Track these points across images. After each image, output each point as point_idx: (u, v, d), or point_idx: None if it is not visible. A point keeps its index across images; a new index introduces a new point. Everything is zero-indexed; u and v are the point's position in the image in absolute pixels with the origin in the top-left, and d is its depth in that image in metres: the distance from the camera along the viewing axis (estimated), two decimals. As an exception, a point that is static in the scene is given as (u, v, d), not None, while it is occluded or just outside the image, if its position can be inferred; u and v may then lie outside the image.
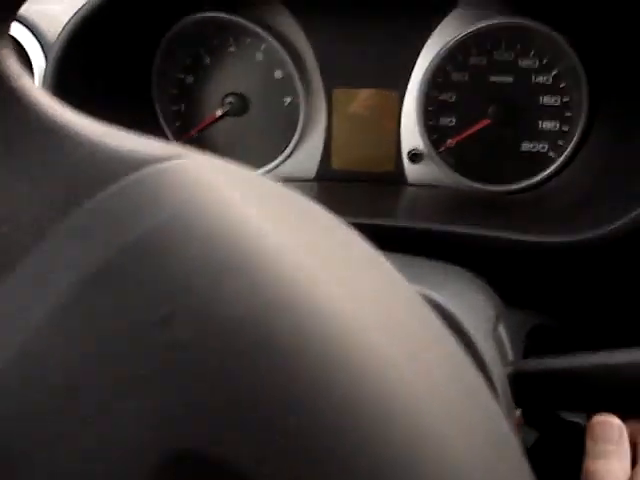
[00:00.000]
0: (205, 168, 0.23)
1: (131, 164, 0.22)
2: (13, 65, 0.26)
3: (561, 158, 0.90)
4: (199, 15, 0.91)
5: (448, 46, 0.88)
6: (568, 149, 0.89)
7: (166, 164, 0.22)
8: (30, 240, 0.21)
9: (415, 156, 0.93)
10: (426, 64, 0.91)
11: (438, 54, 0.90)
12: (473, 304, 0.59)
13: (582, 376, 0.55)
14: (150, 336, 0.18)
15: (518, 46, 0.89)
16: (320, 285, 0.20)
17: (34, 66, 0.83)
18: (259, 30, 0.91)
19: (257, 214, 0.22)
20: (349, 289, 0.22)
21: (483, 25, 0.87)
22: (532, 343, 0.75)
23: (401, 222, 0.77)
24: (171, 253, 0.19)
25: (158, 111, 0.97)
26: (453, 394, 0.22)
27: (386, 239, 0.77)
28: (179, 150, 0.24)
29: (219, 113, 0.96)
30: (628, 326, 0.80)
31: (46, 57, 0.82)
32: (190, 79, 0.97)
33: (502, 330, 0.61)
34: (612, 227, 0.71)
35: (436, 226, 0.76)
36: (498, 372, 0.54)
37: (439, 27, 0.90)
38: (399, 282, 0.25)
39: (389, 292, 0.24)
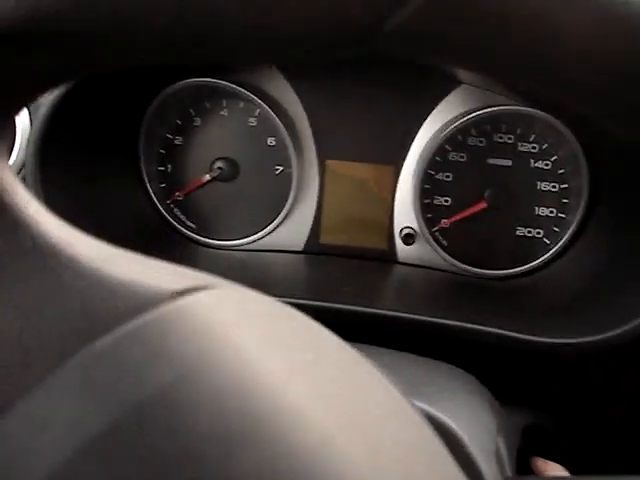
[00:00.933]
0: (220, 308, 0.21)
1: (140, 302, 0.20)
2: (7, 177, 0.23)
3: (557, 245, 0.88)
4: (193, 80, 0.88)
5: (449, 126, 0.86)
6: (565, 236, 0.87)
7: (180, 302, 0.20)
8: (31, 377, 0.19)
9: (408, 236, 0.91)
10: (425, 142, 0.89)
11: (438, 133, 0.87)
12: (476, 417, 0.56)
13: None
14: None
15: (518, 130, 0.87)
16: (343, 458, 0.18)
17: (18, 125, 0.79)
18: (253, 95, 0.89)
19: (279, 372, 0.20)
20: (372, 459, 0.20)
21: (485, 110, 0.85)
22: (526, 443, 0.72)
23: (389, 310, 0.74)
24: (181, 417, 0.17)
25: (143, 171, 0.93)
26: None
27: (373, 325, 0.75)
28: (195, 280, 0.21)
29: (207, 177, 0.93)
30: (624, 432, 0.78)
31: (30, 115, 0.78)
32: (179, 140, 0.94)
33: (501, 442, 0.58)
34: (608, 335, 0.68)
35: (427, 318, 0.73)
36: None
37: (440, 105, 0.88)
38: (407, 413, 0.24)
39: (401, 433, 0.23)
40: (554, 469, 0.63)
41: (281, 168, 0.92)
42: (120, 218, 0.89)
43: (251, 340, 0.20)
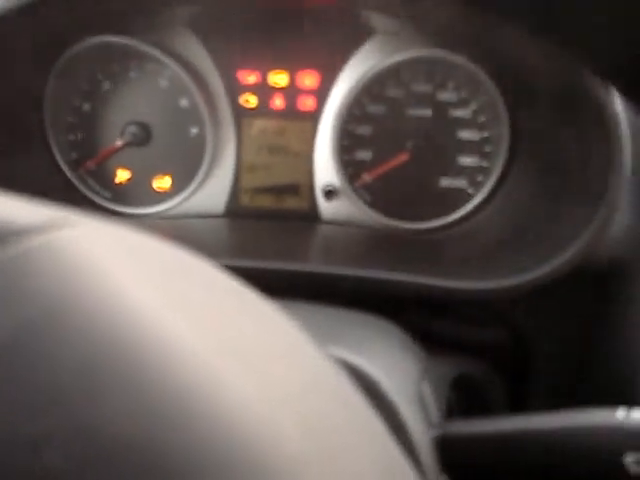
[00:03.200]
0: (85, 243, 0.20)
1: None
2: None
3: (480, 195, 0.87)
4: (96, 38, 0.84)
5: (365, 77, 0.85)
6: (487, 186, 0.87)
7: (39, 238, 0.19)
8: None
9: (330, 193, 0.89)
10: (341, 95, 0.87)
11: (354, 85, 0.85)
12: (396, 364, 0.54)
13: (509, 440, 0.51)
14: (17, 464, 0.15)
15: (437, 78, 0.86)
16: (223, 389, 0.18)
17: None
18: (162, 55, 0.85)
19: (147, 306, 0.19)
20: (258, 387, 0.19)
21: (401, 57, 0.83)
22: (456, 394, 0.72)
23: (314, 267, 0.72)
24: (40, 358, 0.16)
25: (51, 141, 0.89)
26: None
27: (299, 284, 0.73)
28: (56, 218, 0.20)
29: (119, 143, 0.89)
30: (554, 374, 0.78)
31: None
32: (87, 106, 0.90)
33: (426, 388, 0.57)
34: (531, 276, 0.68)
35: (352, 271, 0.72)
36: (422, 437, 0.50)
37: (355, 56, 0.86)
38: (313, 358, 0.23)
39: (301, 375, 0.22)
40: None
41: (196, 130, 0.89)
42: (29, 190, 0.84)
43: (118, 275, 0.19)
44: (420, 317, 0.77)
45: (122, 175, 0.91)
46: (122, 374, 0.16)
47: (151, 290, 0.20)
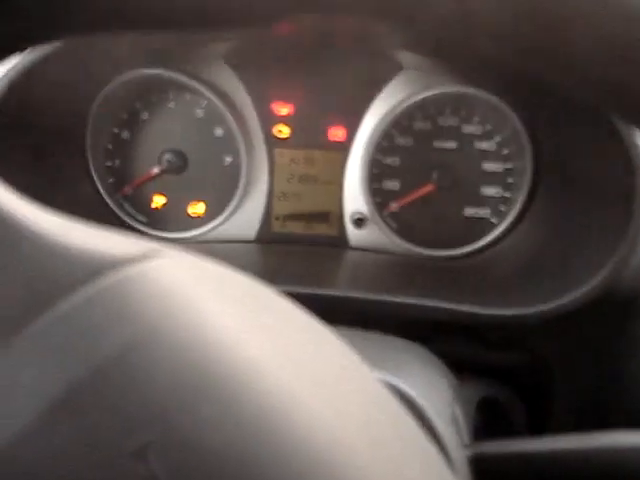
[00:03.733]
0: (175, 272, 0.21)
1: (95, 268, 0.20)
2: None
3: (503, 224, 0.90)
4: (136, 71, 0.88)
5: (394, 111, 0.88)
6: (510, 215, 0.89)
7: (133, 269, 0.20)
8: None
9: (359, 220, 0.91)
10: (371, 127, 0.90)
11: (384, 118, 0.89)
12: (432, 387, 0.56)
13: (539, 460, 0.53)
14: (123, 471, 0.16)
15: (462, 112, 0.89)
16: (303, 407, 0.19)
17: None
18: (199, 86, 0.88)
19: (234, 327, 0.20)
20: (333, 409, 0.20)
21: (429, 92, 0.86)
22: (481, 417, 0.73)
23: (342, 291, 0.74)
24: (142, 376, 0.17)
25: (91, 166, 0.92)
26: None
27: (330, 308, 0.75)
28: (148, 249, 0.21)
29: (156, 170, 0.92)
30: (574, 400, 0.79)
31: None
32: (126, 134, 0.93)
33: (458, 409, 0.59)
34: (552, 305, 0.70)
35: (380, 297, 0.74)
36: (458, 457, 0.52)
37: (385, 90, 0.89)
38: (373, 382, 0.25)
39: (366, 397, 0.23)
40: None
41: (230, 159, 0.92)
42: (69, 213, 0.87)
43: (207, 300, 0.21)
44: (444, 342, 0.78)
45: (158, 201, 0.94)
46: (214, 390, 0.18)
47: (234, 314, 0.21)
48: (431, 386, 0.57)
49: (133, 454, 0.16)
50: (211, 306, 0.21)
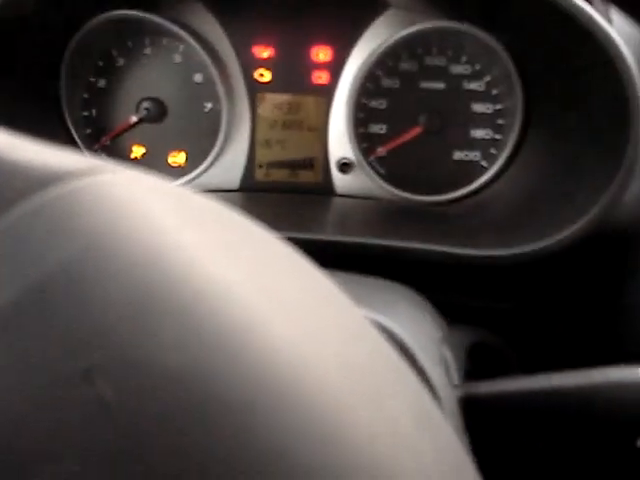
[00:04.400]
0: (128, 186, 0.20)
1: (41, 181, 0.19)
2: None
3: (494, 167, 0.87)
4: (111, 13, 0.84)
5: (379, 51, 0.85)
6: (501, 158, 0.87)
7: (82, 181, 0.19)
8: None
9: (345, 166, 0.89)
10: (355, 69, 0.87)
11: (368, 59, 0.86)
12: (420, 326, 0.54)
13: (531, 398, 0.52)
14: (69, 395, 0.15)
15: (450, 52, 0.86)
16: (272, 327, 0.18)
17: None
18: (177, 30, 0.85)
19: (193, 243, 0.19)
20: (302, 329, 0.19)
21: (414, 29, 0.83)
22: (472, 362, 0.72)
23: (331, 236, 0.72)
24: (89, 292, 0.16)
25: (67, 117, 0.89)
26: (414, 429, 0.20)
27: (316, 254, 0.73)
28: (98, 164, 0.20)
29: (134, 119, 0.89)
30: (570, 341, 0.78)
31: None
32: (102, 82, 0.90)
33: (447, 351, 0.57)
34: (550, 242, 0.68)
35: (369, 240, 0.72)
36: (447, 396, 0.50)
37: (369, 30, 0.86)
38: (351, 311, 0.23)
39: (342, 324, 0.22)
40: None
41: (210, 105, 0.89)
42: None
43: (164, 216, 0.19)
44: (434, 288, 0.77)
45: (137, 151, 0.91)
46: (171, 308, 0.17)
47: (195, 231, 0.20)
48: (419, 325, 0.55)
49: (80, 376, 0.15)
50: (169, 221, 0.19)
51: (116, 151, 0.91)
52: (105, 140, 0.91)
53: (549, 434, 0.53)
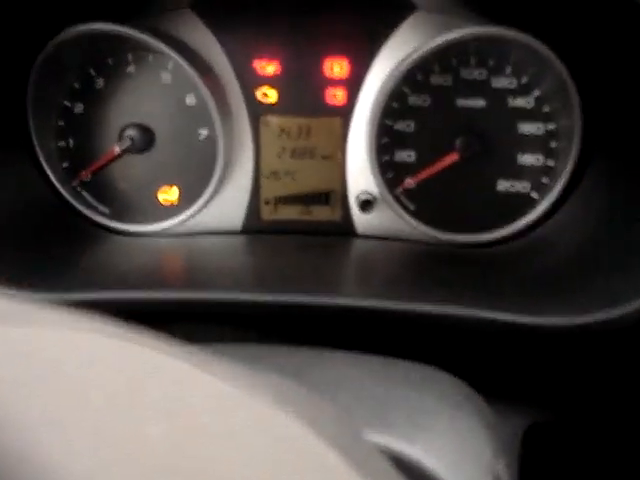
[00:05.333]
0: None
1: None
2: None
3: (547, 200, 0.76)
4: (85, 26, 0.74)
5: (405, 62, 0.74)
6: (556, 189, 0.76)
7: None
8: None
9: (366, 202, 0.79)
10: (377, 84, 0.77)
11: (392, 72, 0.75)
12: (464, 454, 0.44)
13: None
14: None
15: (490, 62, 0.76)
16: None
17: None
18: (162, 44, 0.75)
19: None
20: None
21: (448, 36, 0.73)
22: (529, 445, 0.62)
23: (348, 300, 0.62)
24: None
25: (37, 149, 0.79)
26: None
27: (332, 318, 0.62)
28: None
29: (117, 150, 0.79)
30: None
31: None
32: (79, 107, 0.80)
33: (500, 468, 0.46)
34: (628, 308, 0.56)
35: (397, 305, 0.61)
36: None
37: (392, 37, 0.76)
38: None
39: None
40: None
41: (205, 132, 0.80)
42: (12, 205, 0.74)
43: None
44: (480, 360, 0.66)
45: (122, 187, 0.82)
46: None
47: None
48: (463, 452, 0.45)
49: None
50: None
51: (98, 188, 0.82)
52: (85, 175, 0.81)
53: None
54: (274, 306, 0.62)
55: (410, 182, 0.78)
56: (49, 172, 0.80)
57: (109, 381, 0.21)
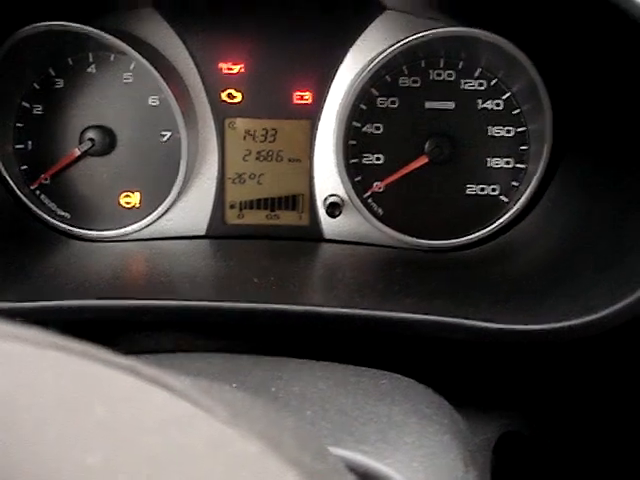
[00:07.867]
0: None
1: None
2: None
3: (517, 204, 0.75)
4: (41, 25, 0.71)
5: (373, 63, 0.73)
6: (526, 192, 0.75)
7: None
8: None
9: (334, 206, 0.78)
10: (345, 86, 0.75)
11: (360, 73, 0.74)
12: (435, 461, 0.43)
13: None
14: None
15: (460, 64, 0.75)
16: None
17: None
18: (125, 44, 0.73)
19: None
20: None
21: (417, 36, 0.71)
22: (501, 454, 0.61)
23: (316, 306, 0.60)
24: None
25: (-6, 151, 0.76)
26: None
27: (298, 325, 0.61)
28: None
29: (77, 152, 0.77)
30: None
31: None
32: (38, 108, 0.78)
33: (473, 475, 0.45)
34: (597, 316, 0.55)
35: (364, 312, 0.59)
36: None
37: (361, 37, 0.75)
38: None
39: None
40: None
41: (168, 133, 0.78)
42: None
43: None
44: (450, 367, 0.65)
45: (83, 191, 0.79)
46: None
47: None
48: (435, 468, 0.43)
49: None
50: None
51: (57, 191, 0.79)
52: (44, 178, 0.79)
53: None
54: (237, 314, 0.60)
55: (379, 185, 0.77)
56: (6, 175, 0.77)
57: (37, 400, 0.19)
